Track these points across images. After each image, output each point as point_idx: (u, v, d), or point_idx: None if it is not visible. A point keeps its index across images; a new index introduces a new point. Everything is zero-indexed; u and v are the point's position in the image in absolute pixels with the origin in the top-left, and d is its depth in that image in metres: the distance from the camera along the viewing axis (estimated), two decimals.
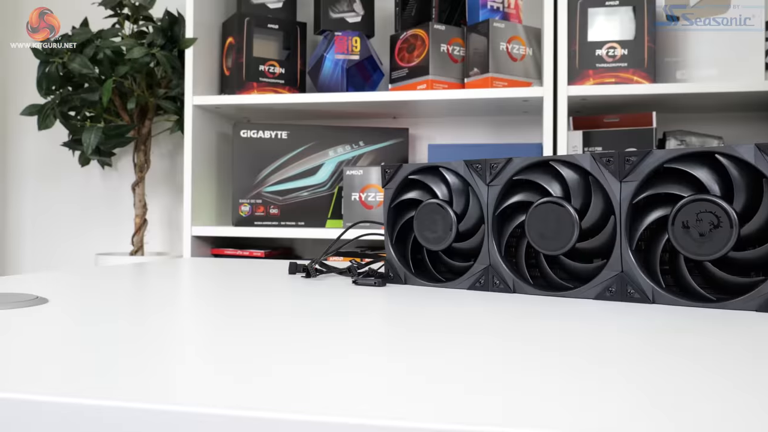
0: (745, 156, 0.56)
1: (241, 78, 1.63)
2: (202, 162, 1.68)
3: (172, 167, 2.02)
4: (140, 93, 1.75)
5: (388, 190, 0.79)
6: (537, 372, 0.36)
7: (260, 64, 1.65)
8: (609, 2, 1.45)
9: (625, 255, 0.62)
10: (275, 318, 0.54)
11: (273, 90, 1.66)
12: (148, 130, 1.83)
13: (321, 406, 0.30)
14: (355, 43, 1.61)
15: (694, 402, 0.31)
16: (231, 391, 0.32)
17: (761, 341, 0.45)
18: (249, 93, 1.63)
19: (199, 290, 0.78)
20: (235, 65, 1.65)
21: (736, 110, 1.61)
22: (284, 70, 1.68)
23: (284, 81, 1.68)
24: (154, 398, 0.30)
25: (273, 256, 1.68)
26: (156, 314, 0.56)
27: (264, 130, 1.64)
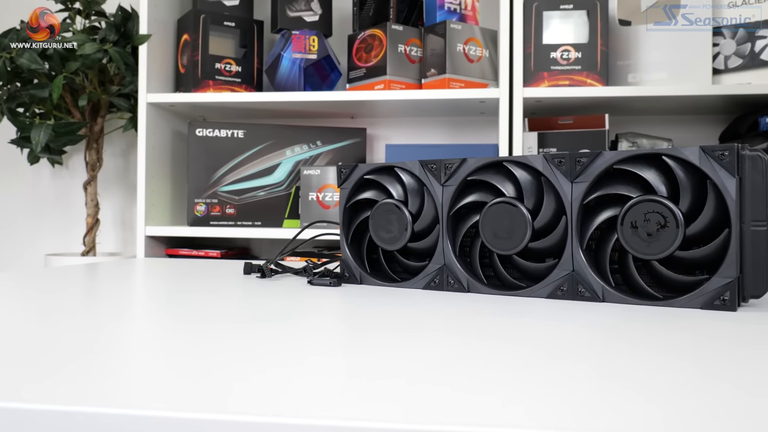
0: (690, 158, 0.57)
1: (196, 76, 1.61)
2: (157, 161, 1.65)
3: (125, 166, 1.98)
4: (92, 90, 1.71)
5: (343, 190, 0.79)
6: (488, 368, 0.36)
7: (216, 62, 1.63)
8: (563, 6, 1.47)
9: (576, 254, 0.63)
10: (227, 320, 0.54)
11: (229, 88, 1.64)
12: (101, 128, 1.80)
13: (275, 408, 0.29)
14: (313, 43, 1.60)
15: (638, 397, 0.31)
16: (181, 394, 0.32)
17: (703, 338, 0.46)
18: (205, 91, 1.61)
19: (151, 291, 0.76)
20: (190, 63, 1.62)
21: (686, 113, 1.65)
22: (241, 69, 1.66)
23: (241, 79, 1.66)
24: (96, 401, 0.30)
25: (229, 256, 1.66)
26: (106, 316, 0.55)
27: (220, 129, 1.62)
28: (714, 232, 0.57)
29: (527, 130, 1.49)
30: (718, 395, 0.32)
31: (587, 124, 1.46)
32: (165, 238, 1.67)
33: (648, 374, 0.36)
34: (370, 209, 0.76)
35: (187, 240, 1.73)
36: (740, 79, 1.45)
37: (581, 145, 1.43)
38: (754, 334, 0.48)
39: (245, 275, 0.86)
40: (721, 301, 0.56)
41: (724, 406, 0.30)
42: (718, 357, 0.41)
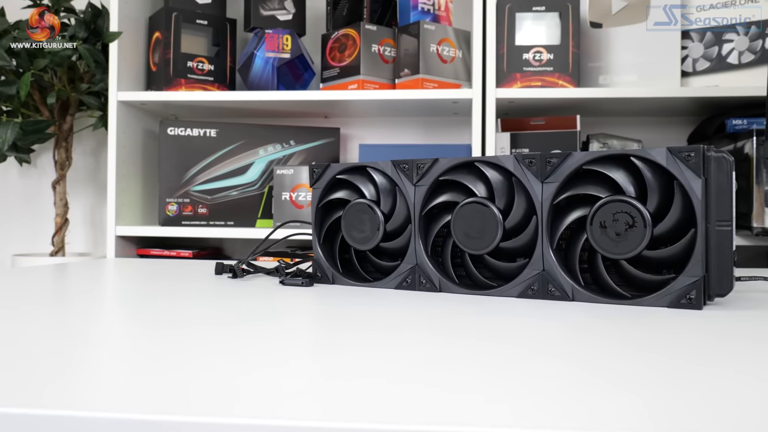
0: (657, 159, 0.58)
1: (168, 74, 1.59)
2: (127, 160, 1.63)
3: (95, 165, 1.96)
4: (61, 87, 1.69)
5: (316, 190, 0.78)
6: (465, 367, 0.37)
7: (188, 60, 1.61)
8: (536, 8, 1.48)
9: (546, 254, 0.63)
10: (197, 321, 0.53)
11: (201, 87, 1.62)
12: (70, 126, 1.77)
13: (245, 409, 0.29)
14: (286, 42, 1.59)
15: (605, 393, 0.32)
16: (151, 396, 0.31)
17: (669, 336, 0.47)
18: (176, 89, 1.60)
19: (121, 292, 0.75)
20: (162, 61, 1.61)
21: (655, 114, 1.68)
22: (213, 67, 1.65)
23: (213, 78, 1.65)
24: (63, 405, 0.29)
25: (201, 256, 1.64)
26: (74, 318, 0.54)
27: (192, 128, 1.60)
28: (680, 232, 0.58)
29: (500, 131, 1.50)
30: (682, 391, 0.32)
31: (559, 125, 1.48)
32: (136, 238, 1.65)
33: (619, 371, 0.36)
34: (343, 209, 0.76)
35: (158, 240, 1.71)
36: (708, 82, 1.48)
37: (553, 146, 1.44)
38: (719, 332, 0.49)
39: (217, 276, 0.86)
40: (688, 300, 0.57)
41: (687, 402, 0.31)
42: (683, 354, 0.41)
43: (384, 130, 1.81)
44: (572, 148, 1.43)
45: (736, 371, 0.37)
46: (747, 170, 1.30)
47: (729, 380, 0.35)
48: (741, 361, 0.40)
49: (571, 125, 1.46)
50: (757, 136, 1.28)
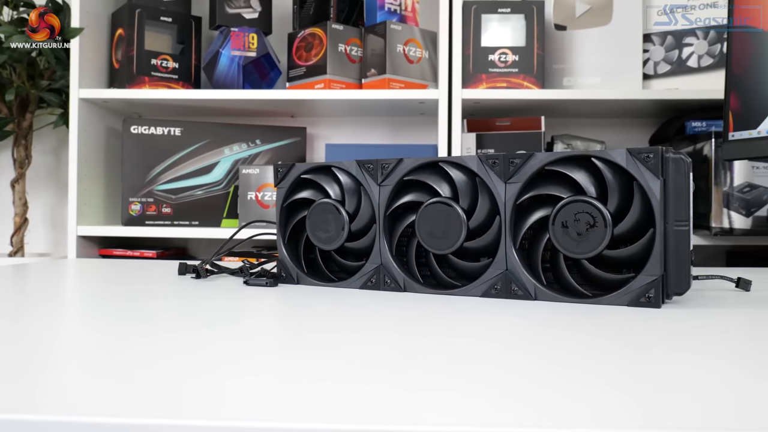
0: (617, 160, 0.59)
1: (131, 71, 1.57)
2: (89, 158, 1.60)
3: (56, 163, 1.92)
4: (20, 84, 1.65)
5: (280, 190, 0.78)
6: (419, 366, 0.37)
7: (152, 57, 1.59)
8: (501, 9, 1.50)
9: (509, 254, 0.64)
10: (157, 322, 0.52)
11: (166, 85, 1.60)
12: (30, 124, 1.73)
13: (207, 411, 0.29)
14: (252, 40, 1.58)
15: (563, 391, 0.32)
16: (109, 398, 0.31)
17: (628, 334, 0.48)
18: (140, 87, 1.57)
19: (81, 293, 0.74)
20: (125, 58, 1.58)
21: (618, 116, 1.71)
22: (178, 65, 1.63)
23: (178, 76, 1.62)
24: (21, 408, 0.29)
25: (165, 256, 1.62)
26: (32, 319, 0.53)
27: (156, 126, 1.58)
28: (640, 232, 0.59)
29: (466, 131, 1.51)
30: (640, 386, 0.33)
31: (524, 126, 1.49)
32: (98, 238, 1.63)
33: (579, 369, 0.37)
34: (307, 209, 0.76)
35: (121, 240, 1.68)
36: (668, 85, 1.51)
37: (518, 146, 1.45)
38: (676, 330, 0.50)
39: (180, 276, 0.85)
40: (647, 299, 0.58)
41: (646, 397, 0.31)
42: (641, 351, 0.42)
43: (351, 130, 1.80)
44: (537, 148, 1.45)
45: (692, 367, 0.38)
46: (706, 171, 1.33)
47: (685, 375, 0.36)
48: (696, 358, 0.41)
49: (536, 126, 1.48)
50: (715, 138, 1.31)
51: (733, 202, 1.30)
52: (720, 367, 0.38)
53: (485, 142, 1.48)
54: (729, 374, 0.36)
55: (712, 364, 0.39)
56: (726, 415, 0.29)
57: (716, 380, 0.35)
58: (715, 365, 0.39)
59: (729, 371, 0.37)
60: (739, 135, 1.04)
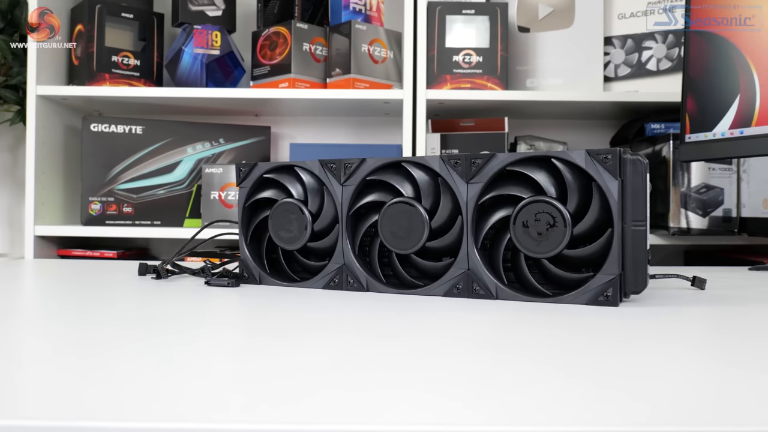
0: (576, 160, 0.60)
1: (91, 68, 1.54)
2: (48, 157, 1.57)
3: (13, 162, 1.87)
4: None
5: (242, 189, 0.77)
6: (377, 367, 0.37)
7: (113, 54, 1.56)
8: (466, 11, 1.51)
9: (471, 253, 0.64)
10: (114, 323, 0.52)
11: (127, 82, 1.58)
12: None
13: (164, 414, 0.29)
14: (216, 38, 1.57)
15: (522, 388, 0.32)
16: (62, 401, 0.30)
17: (586, 332, 0.49)
18: (100, 84, 1.54)
19: (39, 294, 0.73)
20: (84, 55, 1.55)
21: (580, 118, 1.73)
22: (139, 62, 1.60)
23: (139, 73, 1.60)
24: None
25: (126, 257, 1.60)
26: None
27: (117, 125, 1.56)
28: (598, 232, 0.60)
29: (430, 132, 1.52)
30: (596, 382, 0.34)
31: (488, 127, 1.50)
32: (57, 238, 1.59)
33: (536, 366, 0.37)
34: (270, 209, 0.75)
35: (80, 240, 1.65)
36: (629, 87, 1.53)
37: (482, 147, 1.47)
38: (632, 327, 0.51)
39: (140, 276, 0.84)
40: (605, 297, 0.59)
41: (600, 392, 0.32)
42: (598, 349, 0.43)
43: (315, 130, 1.80)
44: (500, 149, 1.46)
45: (646, 364, 0.39)
46: (664, 172, 1.36)
47: (639, 370, 0.36)
48: (651, 355, 0.41)
49: (500, 127, 1.49)
50: (673, 140, 1.34)
51: (691, 203, 1.33)
52: (672, 362, 0.39)
53: (449, 142, 1.49)
54: (679, 369, 0.37)
55: (665, 362, 0.40)
56: (676, 409, 0.30)
57: (668, 375, 0.36)
58: (667, 361, 0.40)
59: (680, 367, 0.38)
60: (696, 137, 1.07)
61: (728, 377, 0.36)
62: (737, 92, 1.01)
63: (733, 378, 0.35)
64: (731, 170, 1.34)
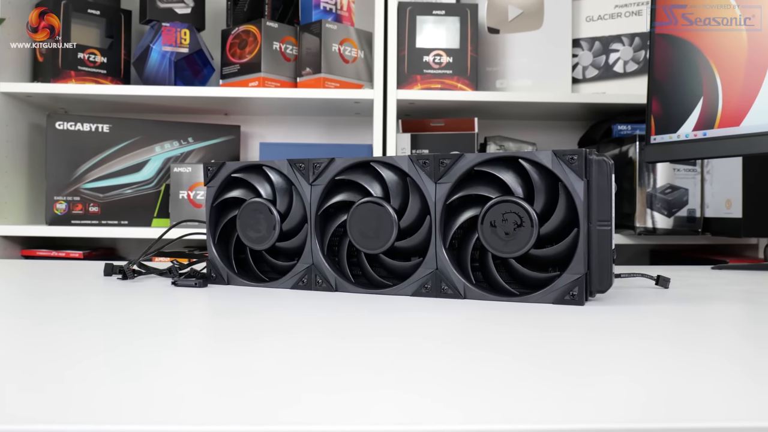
0: (543, 161, 0.61)
1: (56, 65, 1.51)
2: (11, 155, 1.54)
3: None
4: None
5: (210, 189, 0.77)
6: (344, 367, 0.37)
7: (79, 51, 1.54)
8: (436, 11, 1.51)
9: (439, 253, 0.65)
10: (77, 325, 0.51)
11: (93, 80, 1.55)
12: None
13: (132, 416, 0.28)
14: (184, 36, 1.55)
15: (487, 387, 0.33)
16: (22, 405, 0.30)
17: (552, 331, 0.49)
18: (66, 82, 1.52)
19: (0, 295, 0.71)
20: (50, 51, 1.52)
21: (548, 119, 1.75)
22: (106, 60, 1.58)
23: (106, 71, 1.58)
24: None
25: (93, 257, 1.57)
26: None
27: (83, 123, 1.53)
28: (565, 232, 0.61)
29: (401, 132, 1.52)
30: (560, 379, 0.34)
31: (458, 127, 1.51)
32: (20, 238, 1.56)
33: (503, 365, 0.37)
34: (238, 208, 0.75)
35: (45, 240, 1.62)
36: (596, 89, 1.56)
37: (452, 147, 1.47)
38: (596, 326, 0.51)
39: (106, 277, 0.82)
40: (571, 296, 0.60)
41: (565, 390, 0.32)
42: (564, 347, 0.43)
43: (286, 129, 1.79)
44: (470, 149, 1.47)
45: (611, 361, 0.39)
46: (631, 173, 1.38)
47: (603, 367, 0.37)
48: (616, 352, 0.42)
49: (470, 127, 1.50)
50: (639, 141, 1.36)
51: (656, 203, 1.36)
52: (635, 360, 0.40)
53: (420, 142, 1.49)
54: (642, 366, 0.38)
55: (629, 359, 0.41)
56: (640, 405, 0.30)
57: (634, 373, 0.36)
58: (632, 360, 0.40)
59: (642, 364, 0.39)
60: (660, 138, 1.09)
61: (689, 374, 0.36)
62: (700, 95, 1.03)
63: (694, 374, 0.36)
64: (695, 171, 1.37)
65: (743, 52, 0.98)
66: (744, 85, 0.98)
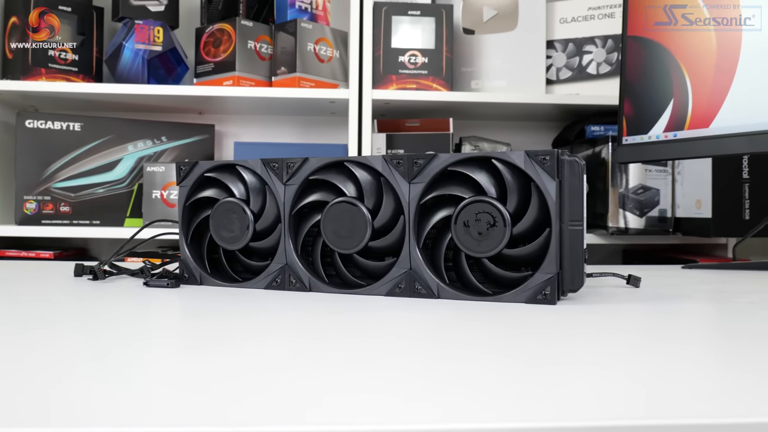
0: (516, 161, 0.61)
1: (26, 62, 1.49)
2: None
3: None
4: None
5: (182, 188, 0.76)
6: (325, 368, 0.37)
7: (50, 48, 1.51)
8: (412, 12, 1.52)
9: (413, 253, 0.65)
10: (45, 326, 0.50)
11: (65, 78, 1.53)
12: None
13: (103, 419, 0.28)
14: (158, 34, 1.53)
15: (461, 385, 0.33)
16: None
17: (523, 330, 0.49)
18: (36, 79, 1.49)
19: None
20: (19, 48, 1.50)
21: (523, 119, 1.76)
22: (78, 57, 1.55)
23: (78, 68, 1.55)
24: None
25: (64, 257, 1.55)
26: None
27: (54, 121, 1.51)
28: (537, 231, 0.61)
29: (376, 132, 1.52)
30: (531, 378, 0.34)
31: (433, 127, 1.51)
32: None
33: (477, 363, 0.38)
34: (211, 208, 0.74)
35: (15, 240, 1.59)
36: (570, 90, 1.57)
37: (427, 147, 1.48)
38: (568, 325, 0.52)
39: (76, 277, 0.81)
40: (543, 296, 0.61)
41: (537, 388, 0.32)
42: (536, 346, 0.44)
43: (260, 129, 1.78)
44: (445, 149, 1.47)
45: (581, 360, 0.40)
46: (604, 173, 1.39)
47: (574, 367, 0.37)
48: (586, 351, 0.42)
49: (445, 128, 1.50)
50: (612, 142, 1.37)
51: (628, 203, 1.37)
52: (606, 361, 0.40)
53: (395, 142, 1.49)
54: (610, 365, 0.38)
55: (599, 358, 0.41)
56: (608, 403, 0.31)
57: (604, 374, 0.37)
58: (603, 359, 0.41)
59: (613, 360, 0.39)
60: (632, 139, 1.10)
61: (661, 371, 0.37)
62: (671, 96, 1.04)
63: (666, 371, 0.37)
64: (667, 172, 1.39)
65: (712, 54, 0.99)
66: (713, 88, 0.99)
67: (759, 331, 0.50)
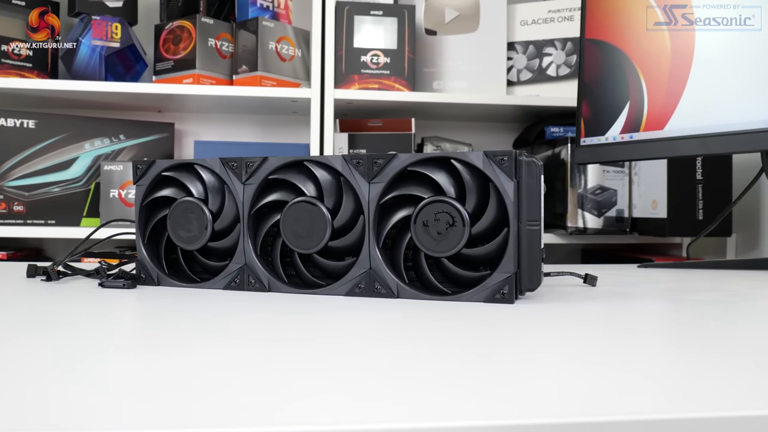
0: (475, 162, 0.62)
1: None
2: None
3: None
4: None
5: (139, 188, 0.75)
6: (282, 368, 0.36)
7: (3, 43, 1.47)
8: (374, 12, 1.52)
9: (373, 253, 0.65)
10: None
11: (18, 74, 1.49)
12: None
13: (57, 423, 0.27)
14: (116, 30, 1.51)
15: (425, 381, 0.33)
16: None
17: (480, 329, 0.50)
18: None
19: None
20: None
21: (484, 120, 1.78)
22: (32, 53, 1.52)
23: (32, 64, 1.52)
24: None
25: (17, 258, 1.51)
26: None
27: (6, 118, 1.47)
28: (495, 231, 0.62)
29: (338, 131, 1.52)
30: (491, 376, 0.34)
31: (395, 127, 1.52)
32: None
33: (433, 362, 0.38)
34: (169, 207, 0.73)
35: None
36: (530, 91, 1.59)
37: (389, 147, 1.48)
38: (526, 323, 0.52)
39: (29, 278, 0.79)
40: (501, 295, 0.61)
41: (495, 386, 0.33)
42: (494, 344, 0.44)
43: (221, 127, 1.76)
44: (407, 150, 1.48)
45: (541, 357, 0.40)
46: (563, 174, 1.41)
47: (534, 364, 0.38)
48: (544, 348, 0.43)
49: (407, 128, 1.51)
50: (571, 143, 1.40)
51: (587, 204, 1.40)
52: (562, 357, 0.41)
53: (357, 142, 1.49)
54: (564, 362, 0.39)
55: (556, 354, 0.42)
56: (562, 400, 0.31)
57: (564, 367, 0.37)
58: (559, 355, 0.41)
59: (569, 357, 0.40)
60: (590, 141, 1.12)
61: (617, 366, 0.38)
62: (627, 99, 1.06)
63: (622, 365, 0.37)
64: (624, 173, 1.41)
65: (666, 57, 1.01)
66: (667, 91, 1.01)
67: (708, 325, 0.52)
